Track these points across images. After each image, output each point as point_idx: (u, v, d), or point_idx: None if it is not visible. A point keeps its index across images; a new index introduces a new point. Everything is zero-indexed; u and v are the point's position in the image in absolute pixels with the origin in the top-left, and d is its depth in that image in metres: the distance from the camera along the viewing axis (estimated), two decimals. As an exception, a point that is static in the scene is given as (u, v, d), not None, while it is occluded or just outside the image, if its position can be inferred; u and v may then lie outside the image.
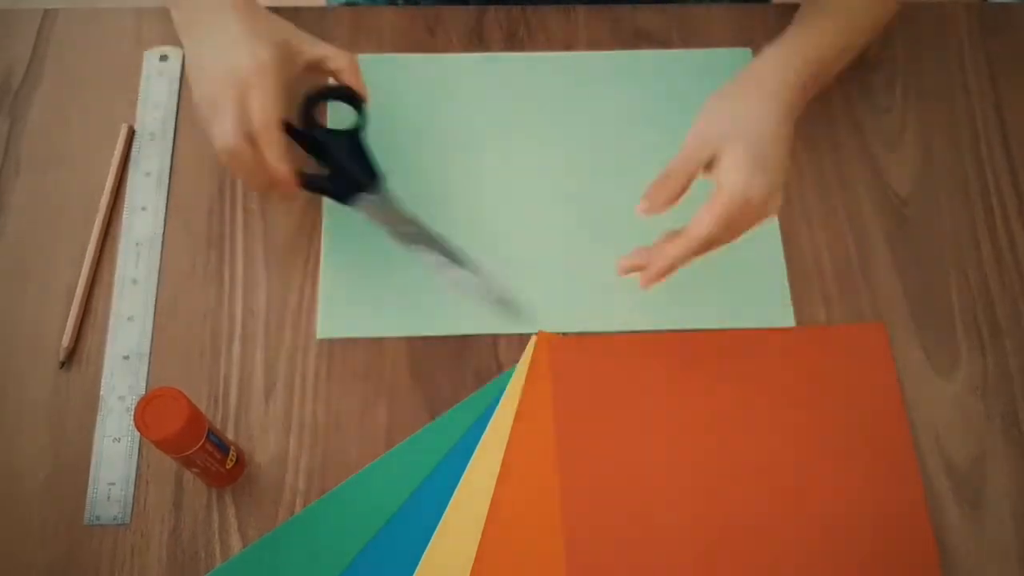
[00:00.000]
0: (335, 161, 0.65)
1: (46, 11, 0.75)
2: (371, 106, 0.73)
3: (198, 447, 0.54)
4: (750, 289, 0.67)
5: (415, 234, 0.64)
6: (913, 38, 0.77)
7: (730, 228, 0.58)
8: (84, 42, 0.74)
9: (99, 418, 0.62)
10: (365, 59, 0.74)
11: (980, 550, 0.60)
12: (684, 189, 0.59)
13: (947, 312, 0.67)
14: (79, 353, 0.64)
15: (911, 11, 0.78)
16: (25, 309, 0.65)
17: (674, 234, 0.59)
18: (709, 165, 0.59)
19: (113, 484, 0.60)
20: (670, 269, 0.59)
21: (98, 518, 0.59)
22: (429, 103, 0.73)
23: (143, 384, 0.63)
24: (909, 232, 0.69)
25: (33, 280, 0.66)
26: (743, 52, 0.76)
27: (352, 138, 0.66)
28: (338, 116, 0.69)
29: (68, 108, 0.72)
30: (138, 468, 0.61)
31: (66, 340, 0.63)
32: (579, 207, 0.70)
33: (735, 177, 0.57)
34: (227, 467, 0.58)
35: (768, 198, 0.58)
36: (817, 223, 0.69)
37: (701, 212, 0.57)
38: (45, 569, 0.58)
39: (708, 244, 0.58)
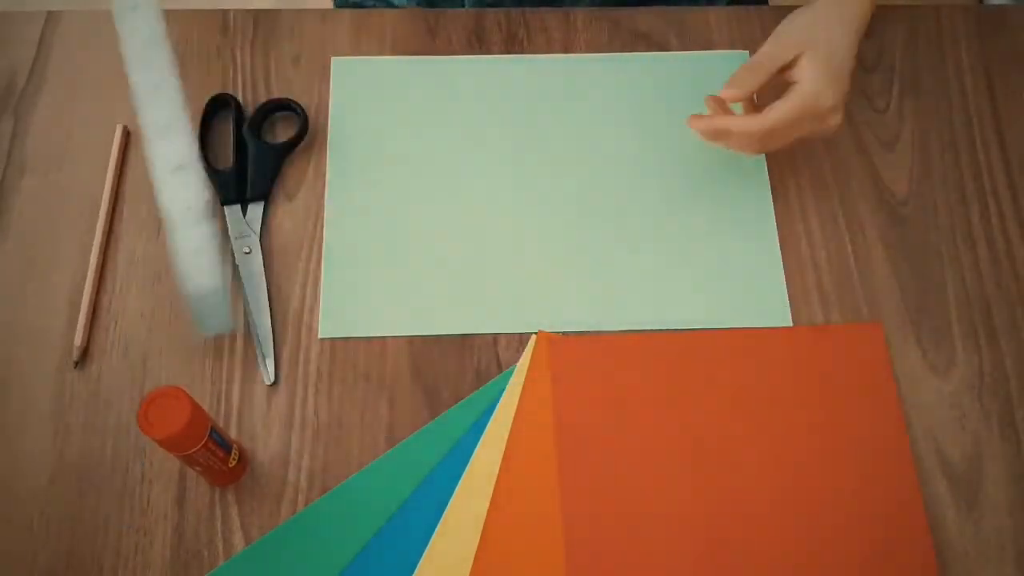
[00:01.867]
0: (241, 163, 0.70)
1: (50, 13, 0.76)
2: (372, 108, 0.73)
3: (200, 446, 0.54)
4: (747, 289, 0.67)
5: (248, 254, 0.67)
6: (910, 40, 0.78)
7: (791, 129, 0.63)
8: (88, 44, 0.75)
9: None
10: (366, 61, 0.75)
11: (977, 549, 0.60)
12: (765, 82, 0.64)
13: (943, 312, 0.67)
14: (86, 351, 0.64)
15: (908, 12, 0.78)
16: (30, 308, 0.65)
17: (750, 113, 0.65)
18: (787, 66, 0.64)
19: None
20: (719, 132, 0.65)
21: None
22: (429, 105, 0.73)
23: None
24: (906, 232, 0.70)
25: (37, 279, 0.66)
26: (741, 54, 0.76)
27: (276, 151, 0.70)
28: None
29: (72, 109, 0.72)
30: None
31: (78, 339, 0.63)
32: (578, 207, 0.70)
33: (812, 79, 0.62)
34: (229, 466, 0.58)
35: (833, 109, 0.63)
36: (814, 223, 0.70)
37: (774, 105, 0.62)
38: (47, 568, 0.58)
39: (767, 137, 0.63)
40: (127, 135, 0.71)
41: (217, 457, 0.57)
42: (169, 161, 0.54)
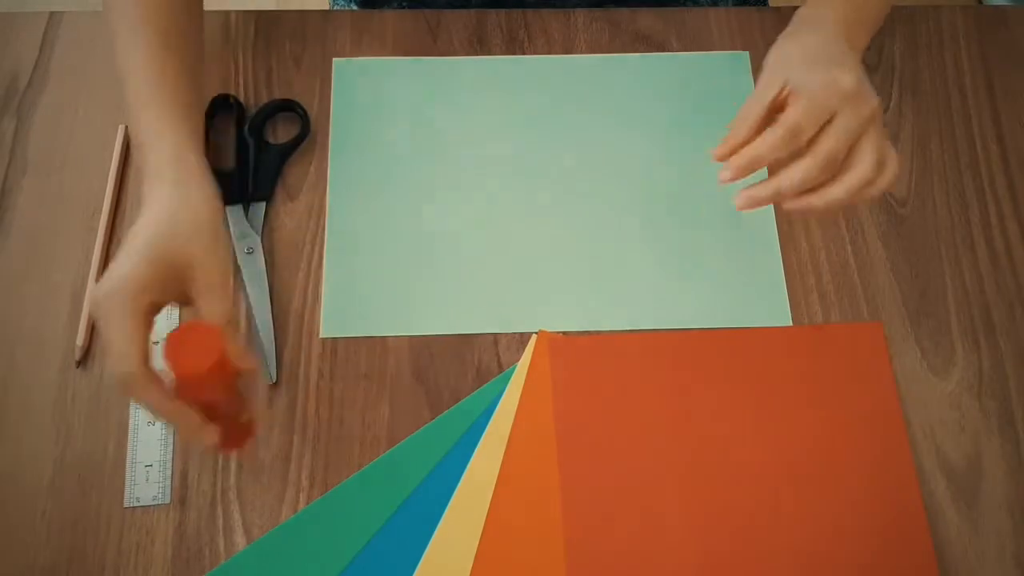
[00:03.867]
0: (243, 163, 0.70)
1: (52, 14, 0.76)
2: (373, 109, 0.73)
3: (222, 388, 0.51)
4: (748, 288, 0.67)
5: (250, 254, 0.67)
6: (910, 40, 0.78)
7: (821, 117, 0.54)
8: (89, 44, 0.75)
9: (132, 403, 0.63)
10: (367, 62, 0.75)
11: (976, 548, 0.60)
12: (759, 122, 0.56)
13: (943, 311, 0.67)
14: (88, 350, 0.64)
15: (908, 13, 0.78)
16: (30, 308, 0.65)
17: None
18: (779, 103, 0.56)
19: (150, 466, 0.61)
20: (754, 162, 0.54)
21: (138, 499, 0.60)
22: (430, 106, 0.74)
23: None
24: (905, 232, 0.70)
25: (39, 279, 0.66)
26: (741, 55, 0.76)
27: (277, 151, 0.70)
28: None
29: (74, 110, 0.72)
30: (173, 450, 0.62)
31: (80, 339, 0.64)
32: (579, 207, 0.70)
33: (811, 77, 0.54)
34: (242, 420, 0.56)
35: (859, 84, 0.54)
36: (814, 223, 0.70)
37: (791, 106, 0.54)
38: (49, 566, 0.58)
39: (796, 133, 0.54)
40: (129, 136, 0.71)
41: (234, 407, 0.54)
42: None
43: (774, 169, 0.56)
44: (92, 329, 0.64)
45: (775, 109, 0.56)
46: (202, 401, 0.52)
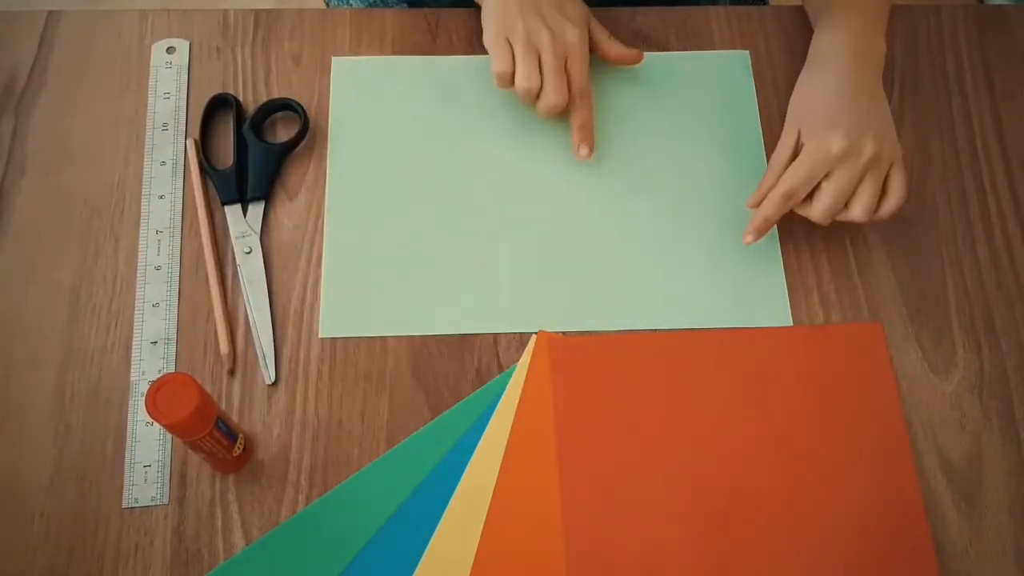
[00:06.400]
0: (242, 162, 0.70)
1: (50, 13, 0.76)
2: (372, 108, 0.73)
3: (206, 434, 0.55)
4: (748, 289, 0.67)
5: (249, 252, 0.67)
6: (910, 39, 0.78)
7: (814, 179, 0.64)
8: (88, 43, 0.75)
9: (131, 403, 0.63)
10: (366, 61, 0.75)
11: (977, 548, 0.60)
12: (777, 176, 0.65)
13: (944, 311, 0.67)
14: (79, 350, 0.64)
15: (908, 12, 0.78)
16: (30, 308, 0.65)
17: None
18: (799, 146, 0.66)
19: (149, 466, 0.61)
20: (765, 223, 0.65)
21: (136, 500, 0.60)
22: (430, 105, 0.73)
23: (173, 369, 0.64)
24: (906, 232, 0.70)
25: (37, 279, 0.66)
26: (741, 54, 0.76)
27: (276, 150, 0.70)
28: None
29: (72, 109, 0.72)
30: (170, 453, 0.62)
31: (224, 347, 0.64)
32: (579, 207, 0.70)
33: (809, 138, 0.64)
34: (234, 455, 0.59)
35: (849, 144, 0.63)
36: (815, 222, 0.70)
37: (788, 170, 0.64)
38: (48, 567, 0.58)
39: (790, 196, 0.64)
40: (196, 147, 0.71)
41: (222, 445, 0.57)
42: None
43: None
44: (93, 328, 0.64)
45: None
46: (192, 441, 0.55)
